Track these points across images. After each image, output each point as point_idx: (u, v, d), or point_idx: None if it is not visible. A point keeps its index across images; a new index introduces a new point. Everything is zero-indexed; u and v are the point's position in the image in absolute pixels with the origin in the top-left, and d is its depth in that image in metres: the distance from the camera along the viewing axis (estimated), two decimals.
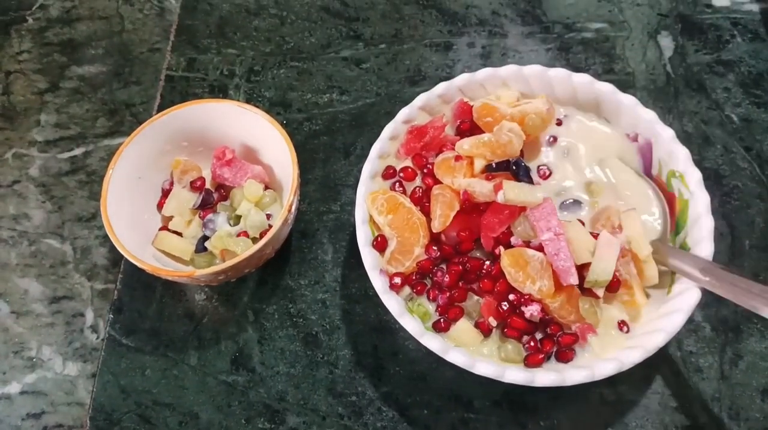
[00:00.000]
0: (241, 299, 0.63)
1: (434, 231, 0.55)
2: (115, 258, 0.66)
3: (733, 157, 0.66)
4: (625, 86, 0.70)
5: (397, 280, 0.53)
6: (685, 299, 0.51)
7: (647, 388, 0.57)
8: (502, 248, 0.52)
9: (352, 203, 0.66)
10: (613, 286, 0.52)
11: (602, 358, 0.51)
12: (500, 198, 0.51)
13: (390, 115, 0.70)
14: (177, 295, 0.63)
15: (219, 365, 0.60)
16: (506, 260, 0.50)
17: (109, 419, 0.58)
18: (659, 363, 0.57)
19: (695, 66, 0.71)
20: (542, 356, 0.51)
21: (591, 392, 0.55)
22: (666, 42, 0.73)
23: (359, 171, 0.58)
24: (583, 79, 0.59)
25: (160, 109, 0.73)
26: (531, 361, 0.51)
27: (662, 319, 0.51)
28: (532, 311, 0.51)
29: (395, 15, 0.77)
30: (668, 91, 0.70)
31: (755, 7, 0.75)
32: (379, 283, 0.52)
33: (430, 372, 0.58)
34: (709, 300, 0.58)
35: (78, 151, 0.72)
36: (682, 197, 0.56)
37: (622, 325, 0.53)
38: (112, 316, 0.63)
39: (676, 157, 0.56)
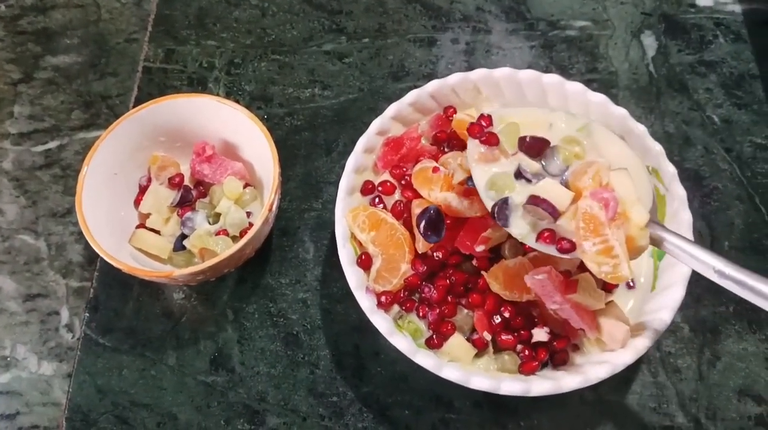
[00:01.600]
0: (220, 298, 0.62)
1: (419, 251, 0.54)
2: (91, 255, 0.64)
3: (713, 158, 0.67)
4: (607, 85, 0.70)
5: (386, 299, 0.53)
6: (670, 295, 0.51)
7: (626, 388, 0.57)
8: (485, 273, 0.52)
9: (334, 201, 0.65)
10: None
11: (594, 360, 0.51)
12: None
13: (373, 112, 0.70)
14: (155, 293, 0.62)
15: (198, 365, 0.59)
16: (495, 285, 0.50)
17: (86, 420, 0.58)
18: (638, 364, 0.58)
19: (678, 66, 0.72)
20: (537, 363, 0.51)
21: (571, 392, 0.55)
22: (649, 41, 0.73)
23: (341, 168, 0.58)
24: (552, 79, 0.59)
25: (137, 101, 0.72)
26: (526, 369, 0.51)
27: (648, 317, 0.51)
28: (540, 334, 0.51)
29: (379, 9, 0.76)
30: (650, 91, 0.70)
31: (738, 8, 0.75)
32: (366, 302, 0.51)
33: (412, 372, 0.58)
34: (687, 301, 0.59)
35: (52, 145, 0.70)
36: (658, 193, 0.56)
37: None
38: (88, 314, 0.62)
39: (650, 153, 0.56)
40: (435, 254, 0.54)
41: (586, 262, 0.45)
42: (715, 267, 0.44)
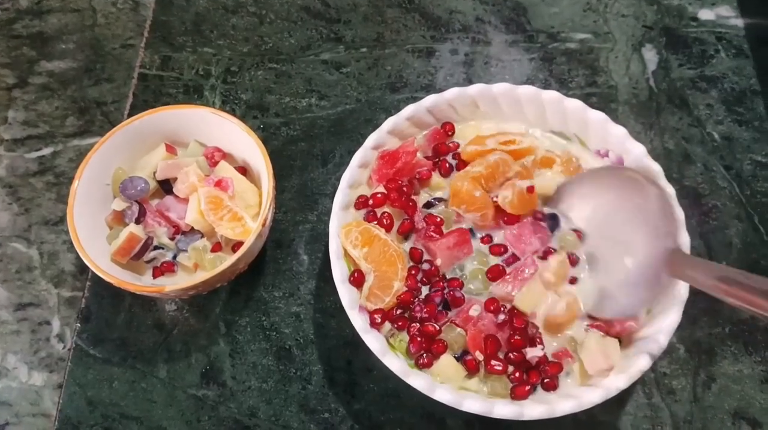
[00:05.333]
0: (212, 311, 0.62)
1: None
2: (83, 265, 0.63)
3: (713, 175, 0.66)
4: (607, 100, 0.70)
5: (378, 317, 0.52)
6: (665, 320, 0.51)
7: (620, 409, 0.57)
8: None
9: (329, 213, 0.65)
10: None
11: (587, 384, 0.50)
12: None
13: (370, 123, 0.69)
14: (147, 304, 0.62)
15: (189, 379, 0.59)
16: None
17: None
18: (633, 385, 0.57)
19: (678, 81, 0.71)
20: (528, 387, 0.50)
21: None
22: (650, 55, 0.72)
23: (337, 179, 0.57)
24: (551, 96, 0.58)
25: (133, 108, 0.71)
26: (518, 393, 0.50)
27: (644, 341, 0.51)
28: (535, 353, 0.51)
29: (377, 18, 0.75)
30: (650, 107, 0.70)
31: (740, 22, 0.74)
32: (359, 322, 0.51)
33: (404, 389, 0.57)
34: (683, 322, 0.58)
35: (46, 151, 0.70)
36: None
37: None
38: (79, 325, 0.61)
39: (649, 174, 0.55)
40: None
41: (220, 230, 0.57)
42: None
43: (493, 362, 0.50)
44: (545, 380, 0.51)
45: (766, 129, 0.68)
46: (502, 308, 0.52)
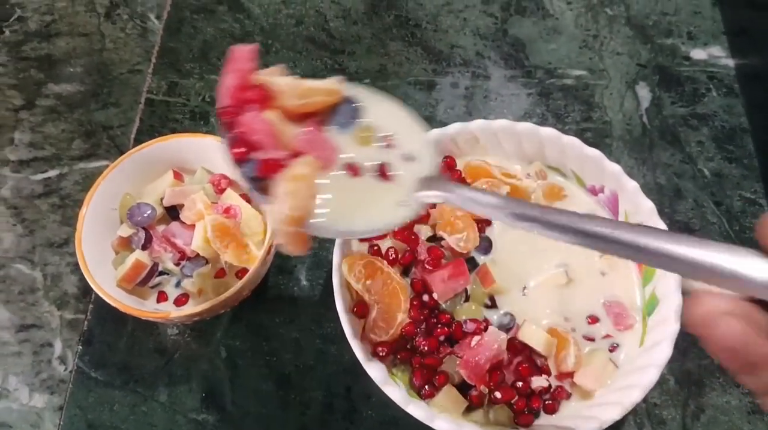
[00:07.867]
0: (214, 336, 0.62)
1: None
2: (86, 287, 0.64)
3: (703, 211, 0.68)
4: (602, 135, 0.72)
5: (382, 351, 0.53)
6: (658, 352, 0.52)
7: None
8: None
9: (331, 240, 0.66)
10: None
11: (582, 415, 0.52)
12: None
13: None
14: (149, 328, 0.63)
15: (189, 403, 0.60)
16: None
17: None
18: (624, 415, 0.59)
19: (671, 118, 0.73)
20: (532, 416, 0.52)
21: None
22: (643, 93, 0.75)
23: None
24: (549, 133, 0.60)
25: (139, 133, 0.72)
26: (522, 421, 0.52)
27: (637, 374, 0.52)
28: (540, 383, 0.52)
29: (381, 50, 0.77)
30: (643, 142, 0.72)
31: (731, 62, 0.77)
32: (360, 352, 0.52)
33: (402, 417, 0.57)
34: (674, 353, 0.60)
35: (52, 173, 0.71)
36: None
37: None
38: (81, 347, 0.62)
39: (641, 210, 0.57)
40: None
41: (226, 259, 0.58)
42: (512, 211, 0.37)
43: (496, 393, 0.52)
44: (547, 402, 0.52)
45: (755, 166, 0.71)
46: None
